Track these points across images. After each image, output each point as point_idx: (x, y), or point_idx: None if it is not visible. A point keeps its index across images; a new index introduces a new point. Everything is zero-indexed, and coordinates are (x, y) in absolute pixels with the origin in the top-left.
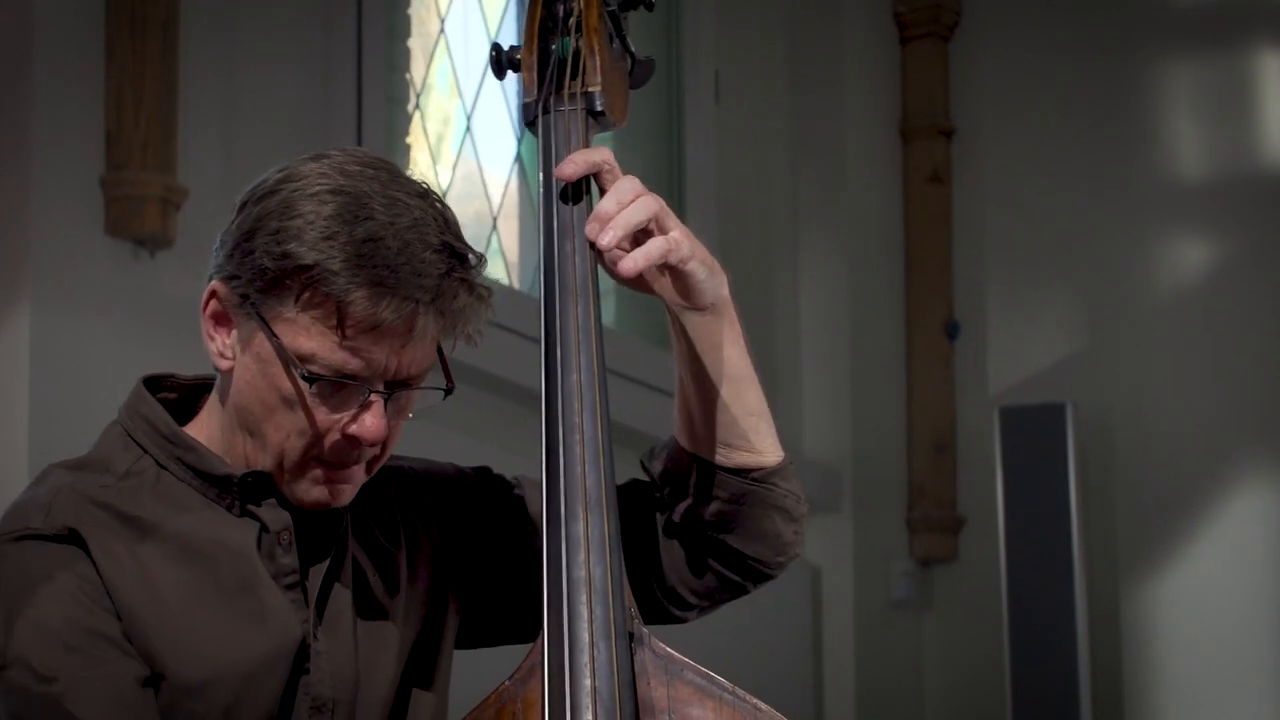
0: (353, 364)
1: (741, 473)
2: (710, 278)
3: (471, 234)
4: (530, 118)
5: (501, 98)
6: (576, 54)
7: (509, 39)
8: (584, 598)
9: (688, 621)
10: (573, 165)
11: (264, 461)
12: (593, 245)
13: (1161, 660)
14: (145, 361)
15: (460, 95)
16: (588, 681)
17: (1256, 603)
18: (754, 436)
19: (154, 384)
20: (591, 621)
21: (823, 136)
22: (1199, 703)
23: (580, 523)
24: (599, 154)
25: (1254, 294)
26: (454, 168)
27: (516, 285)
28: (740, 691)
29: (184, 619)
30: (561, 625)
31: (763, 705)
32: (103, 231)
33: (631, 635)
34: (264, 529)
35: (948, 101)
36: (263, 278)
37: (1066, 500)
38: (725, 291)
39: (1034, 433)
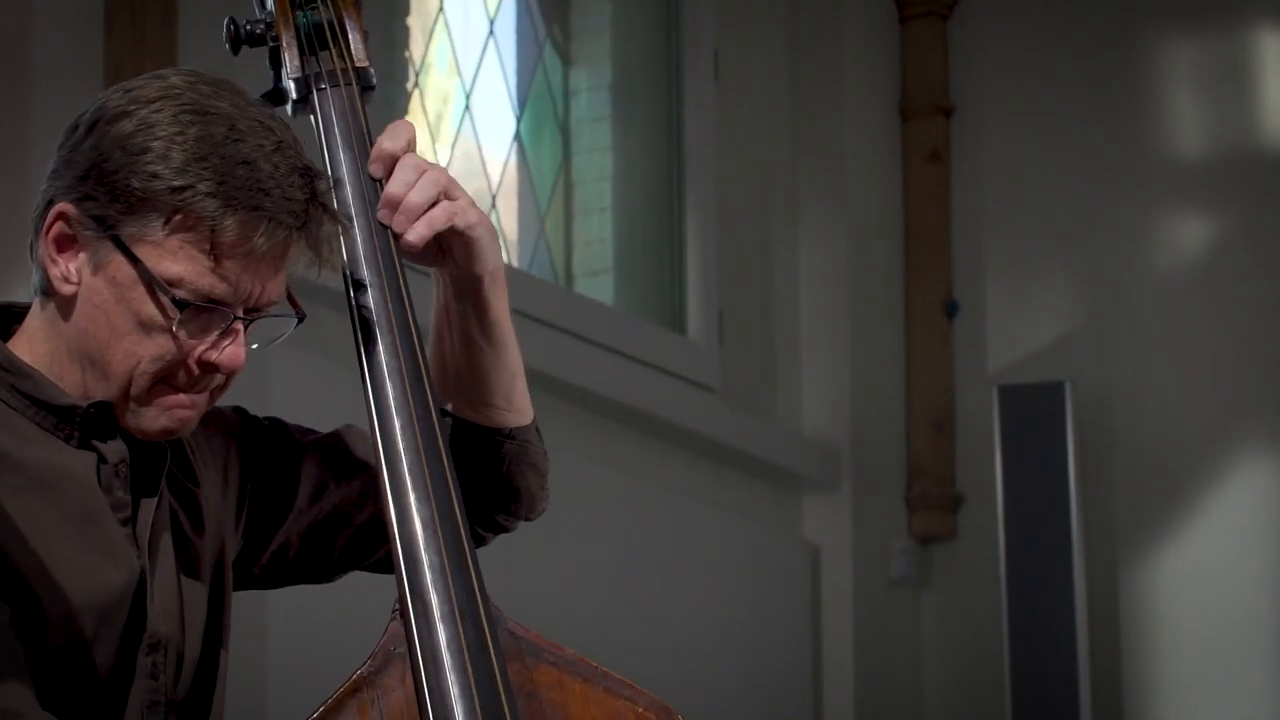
0: (220, 289)
1: (500, 431)
2: (492, 242)
3: None
4: (301, 94)
5: (500, 77)
6: (330, 25)
7: (508, 18)
8: (443, 581)
9: None
10: (380, 166)
11: (105, 390)
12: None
13: (1160, 638)
14: None
15: (459, 74)
16: (460, 667)
17: (1255, 581)
18: (514, 396)
19: None
20: (454, 604)
21: (822, 115)
22: (1198, 681)
23: (428, 507)
24: (396, 143)
25: (1253, 272)
26: (453, 146)
27: (516, 264)
28: (604, 669)
29: (42, 550)
30: (427, 612)
31: (628, 682)
32: None
33: (493, 617)
34: (101, 460)
35: (947, 80)
36: (125, 199)
37: (1065, 478)
38: (501, 257)
39: (1033, 411)
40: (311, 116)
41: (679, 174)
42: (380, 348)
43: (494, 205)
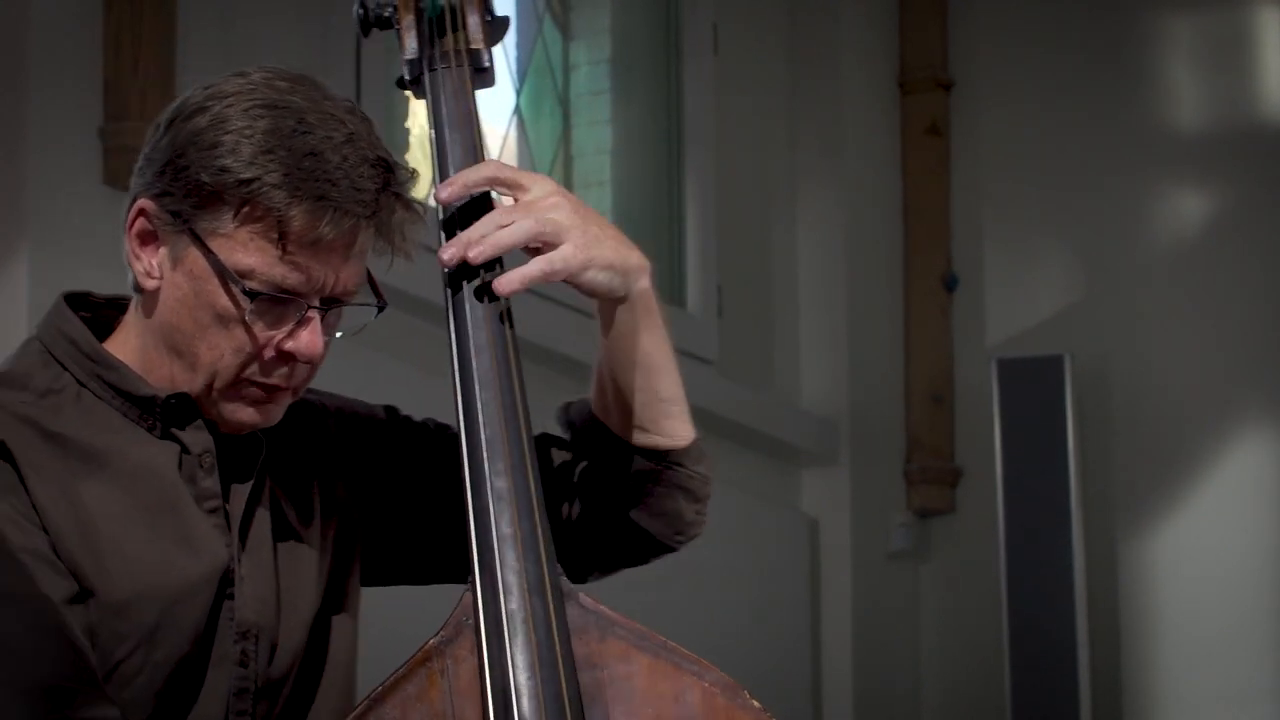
0: (292, 279)
1: (649, 453)
2: (614, 279)
3: None
4: (415, 74)
5: (500, 50)
6: (453, 10)
7: None
8: (515, 553)
9: (584, 583)
10: (451, 188)
11: (193, 382)
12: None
13: (1159, 611)
14: None
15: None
16: (524, 638)
17: (1254, 553)
18: (664, 421)
19: (75, 301)
20: (524, 576)
21: (821, 89)
22: (1197, 653)
23: (505, 479)
24: (484, 171)
25: (1251, 245)
26: None
27: None
28: (673, 645)
29: (109, 537)
30: (495, 583)
31: (695, 657)
32: (101, 182)
33: (561, 591)
34: (185, 451)
35: (946, 54)
36: (198, 193)
37: (1064, 452)
38: (640, 285)
39: (1032, 384)
40: (425, 98)
41: (678, 148)
42: (469, 320)
43: None
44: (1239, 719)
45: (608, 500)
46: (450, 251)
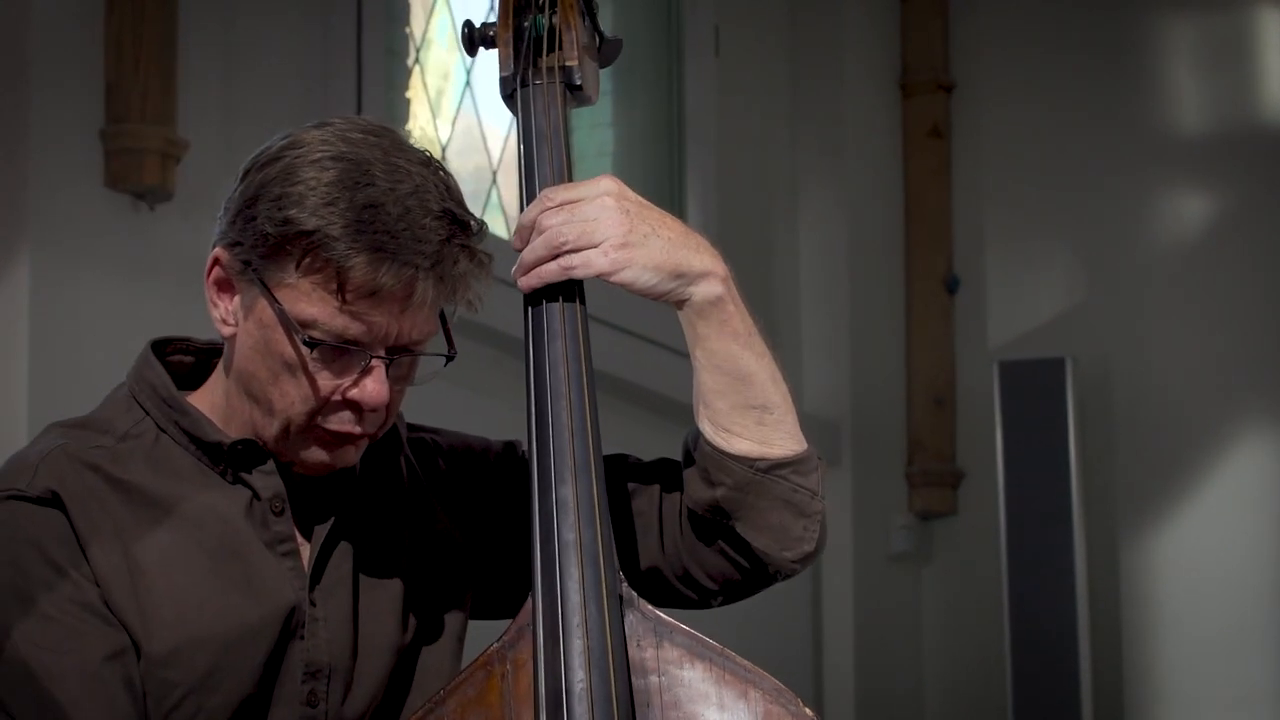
0: (353, 329)
1: (746, 461)
2: (660, 281)
3: (471, 188)
4: (509, 91)
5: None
6: (552, 30)
7: None
8: (574, 560)
9: (712, 607)
10: (519, 239)
11: (270, 427)
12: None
13: (1160, 612)
14: (145, 315)
15: (460, 49)
16: (579, 642)
17: (1255, 554)
18: (757, 428)
19: (163, 346)
20: (583, 583)
21: (823, 91)
22: (1198, 655)
23: (569, 487)
24: (534, 209)
25: (1252, 247)
26: (453, 122)
27: None
28: (729, 653)
29: (162, 585)
30: (554, 587)
31: (751, 665)
32: (102, 184)
33: (621, 598)
34: (255, 496)
35: (947, 56)
36: (265, 244)
37: (1066, 454)
38: (705, 291)
39: (1033, 387)
40: (516, 114)
41: (679, 150)
42: (546, 334)
43: (494, 181)
44: (1240, 719)
45: (712, 513)
46: (515, 275)
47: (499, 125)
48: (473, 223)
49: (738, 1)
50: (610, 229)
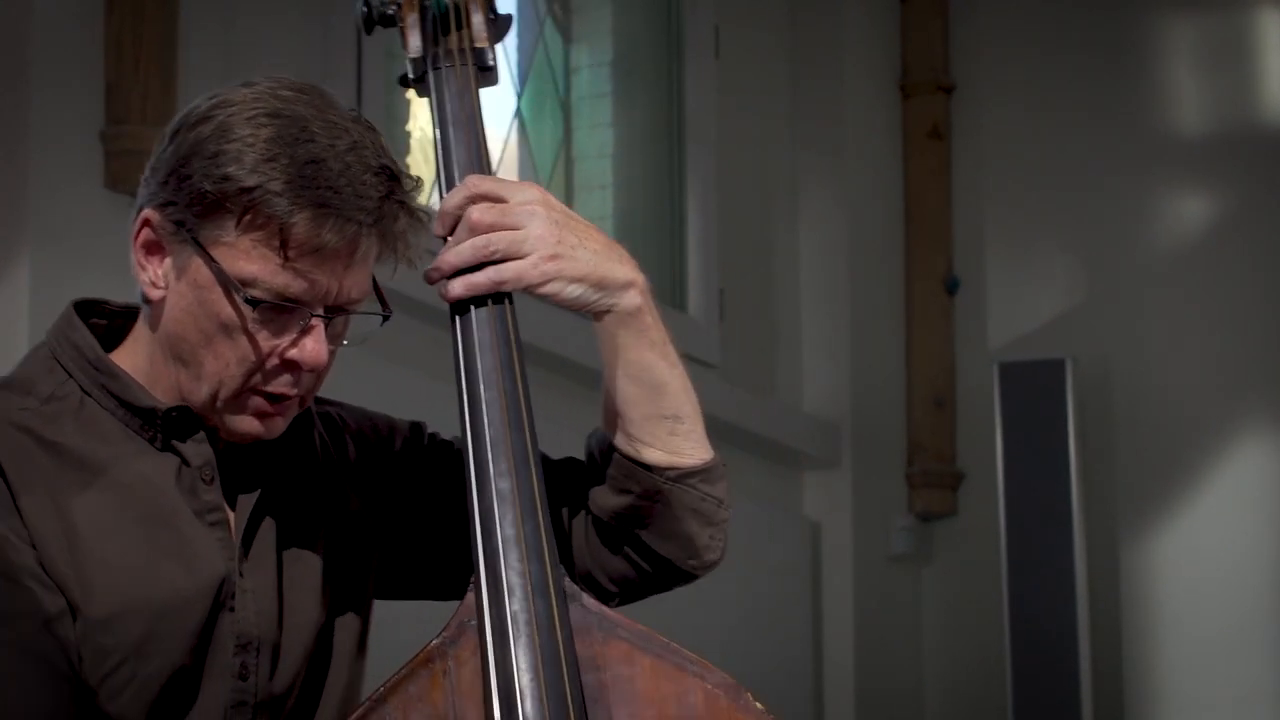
0: (295, 287)
1: (655, 469)
2: (586, 293)
3: None
4: (419, 73)
5: (501, 53)
6: (457, 8)
7: None
8: (517, 554)
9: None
10: (440, 225)
11: (198, 392)
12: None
13: (1160, 613)
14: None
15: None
16: (528, 640)
17: (1255, 555)
18: (668, 437)
19: (85, 309)
20: (528, 578)
21: (823, 92)
22: (1198, 655)
23: (509, 480)
24: (460, 193)
25: (1253, 248)
26: None
27: None
28: (675, 645)
29: (96, 550)
30: (499, 583)
31: (697, 658)
32: (102, 185)
33: (565, 593)
34: (184, 463)
35: (947, 57)
36: (201, 202)
37: (1066, 455)
38: (626, 300)
39: (1033, 388)
40: (428, 96)
41: (679, 151)
42: (474, 322)
43: None
44: (1240, 719)
45: (618, 520)
46: (430, 271)
47: (499, 126)
48: (407, 179)
49: (738, 2)
50: (539, 241)
